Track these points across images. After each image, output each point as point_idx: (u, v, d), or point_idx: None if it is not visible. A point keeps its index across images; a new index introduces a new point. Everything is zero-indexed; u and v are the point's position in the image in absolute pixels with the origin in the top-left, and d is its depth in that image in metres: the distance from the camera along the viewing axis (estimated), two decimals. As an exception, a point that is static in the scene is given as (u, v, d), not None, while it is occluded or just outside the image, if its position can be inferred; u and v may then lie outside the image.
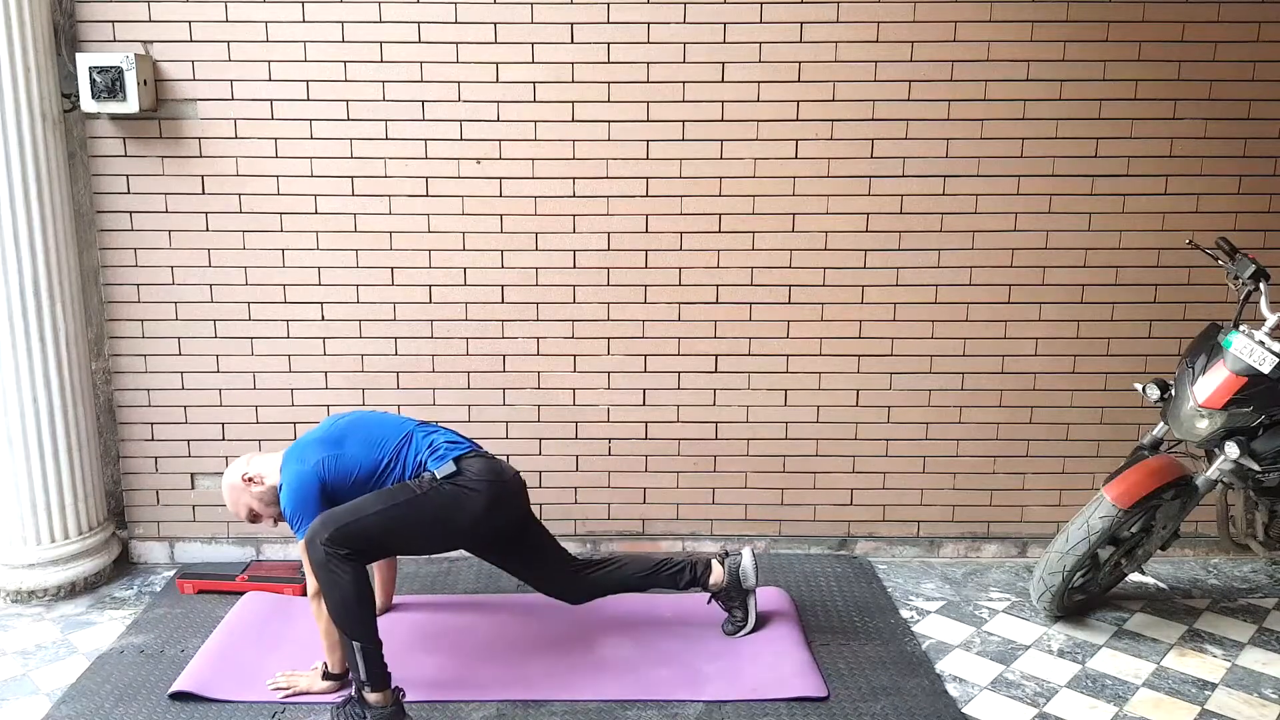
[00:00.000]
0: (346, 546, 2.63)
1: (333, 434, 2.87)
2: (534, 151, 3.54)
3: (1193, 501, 3.19)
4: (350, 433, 2.87)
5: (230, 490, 2.91)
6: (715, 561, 3.19)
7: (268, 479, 2.87)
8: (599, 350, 3.69)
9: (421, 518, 2.75)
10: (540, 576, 3.12)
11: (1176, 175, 3.61)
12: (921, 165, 3.58)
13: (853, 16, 3.47)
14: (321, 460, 2.79)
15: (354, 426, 2.90)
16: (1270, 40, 3.52)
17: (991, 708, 2.90)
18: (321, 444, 2.84)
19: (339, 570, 2.62)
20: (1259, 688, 3.01)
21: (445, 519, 2.78)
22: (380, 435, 2.87)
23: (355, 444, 2.84)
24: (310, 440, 2.86)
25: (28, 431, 3.38)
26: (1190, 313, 3.67)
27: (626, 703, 2.88)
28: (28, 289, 3.30)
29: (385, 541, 2.78)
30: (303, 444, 2.86)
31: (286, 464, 2.83)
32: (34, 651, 3.17)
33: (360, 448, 2.84)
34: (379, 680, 2.68)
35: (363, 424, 2.92)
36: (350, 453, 2.82)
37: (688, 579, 3.15)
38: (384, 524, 2.70)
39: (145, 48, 3.44)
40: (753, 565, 3.18)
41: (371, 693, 2.68)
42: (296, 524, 2.76)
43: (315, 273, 3.61)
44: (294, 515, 2.76)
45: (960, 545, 3.87)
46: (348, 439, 2.85)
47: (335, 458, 2.80)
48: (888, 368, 3.72)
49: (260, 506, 2.90)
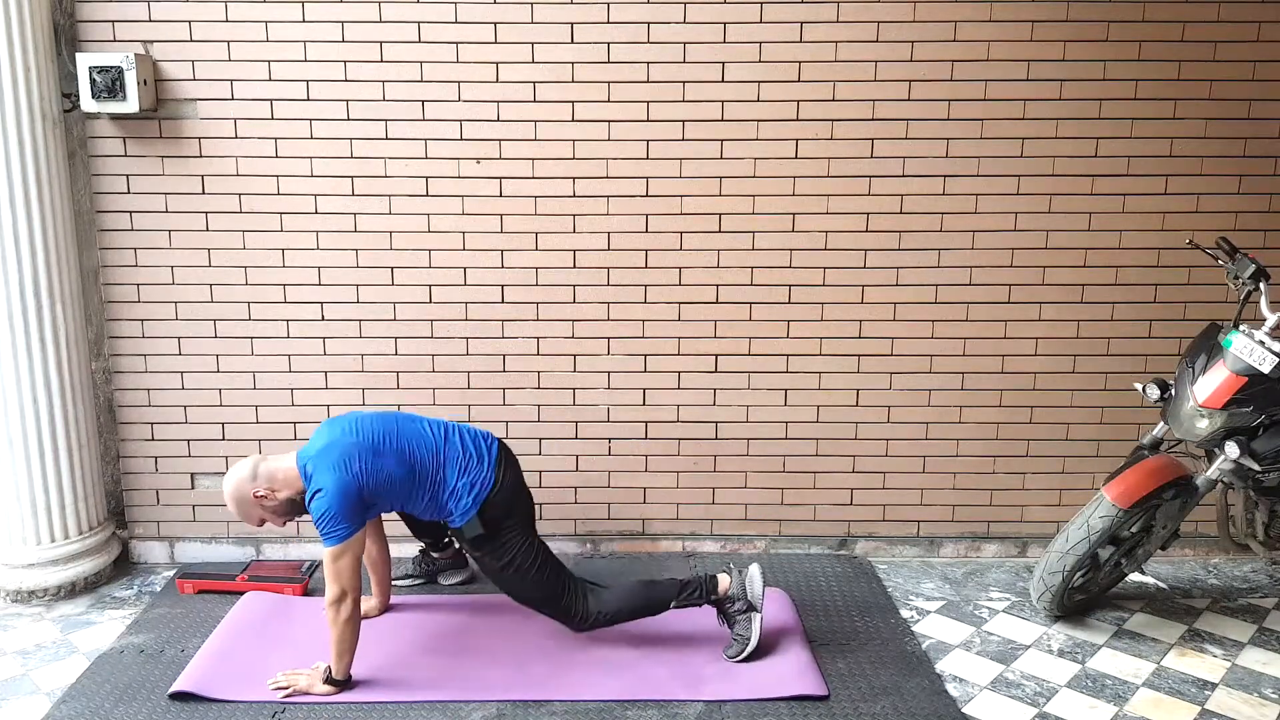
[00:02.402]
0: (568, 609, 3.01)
1: (373, 441, 2.84)
2: (534, 151, 3.54)
3: (1193, 501, 3.19)
4: (387, 443, 2.85)
5: (239, 504, 2.86)
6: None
7: (280, 492, 2.84)
8: (599, 350, 3.69)
9: (523, 550, 2.96)
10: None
11: (1176, 175, 3.61)
12: (921, 165, 3.58)
13: (853, 16, 3.47)
14: (362, 471, 2.78)
15: (390, 437, 2.87)
16: (1270, 40, 3.52)
17: (991, 707, 2.90)
18: (360, 451, 2.80)
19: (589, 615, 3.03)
20: (1259, 688, 3.01)
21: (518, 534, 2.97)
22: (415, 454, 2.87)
23: (390, 456, 2.83)
24: (348, 444, 2.81)
25: (28, 431, 3.38)
26: (1190, 313, 3.67)
27: (626, 703, 2.88)
28: (28, 289, 3.30)
29: (550, 582, 3.02)
30: (340, 449, 2.80)
31: (325, 468, 2.77)
32: (34, 651, 3.17)
33: (395, 462, 2.83)
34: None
35: (398, 435, 2.88)
36: (388, 466, 2.82)
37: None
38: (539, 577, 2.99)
39: (145, 48, 3.44)
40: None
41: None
42: (329, 529, 2.73)
43: (315, 273, 3.61)
44: (330, 522, 2.73)
45: (960, 545, 3.87)
46: (384, 448, 2.83)
47: (376, 470, 2.80)
48: (888, 368, 3.72)
49: (273, 518, 2.89)
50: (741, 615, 3.06)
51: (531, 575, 2.96)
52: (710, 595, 3.07)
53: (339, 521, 2.73)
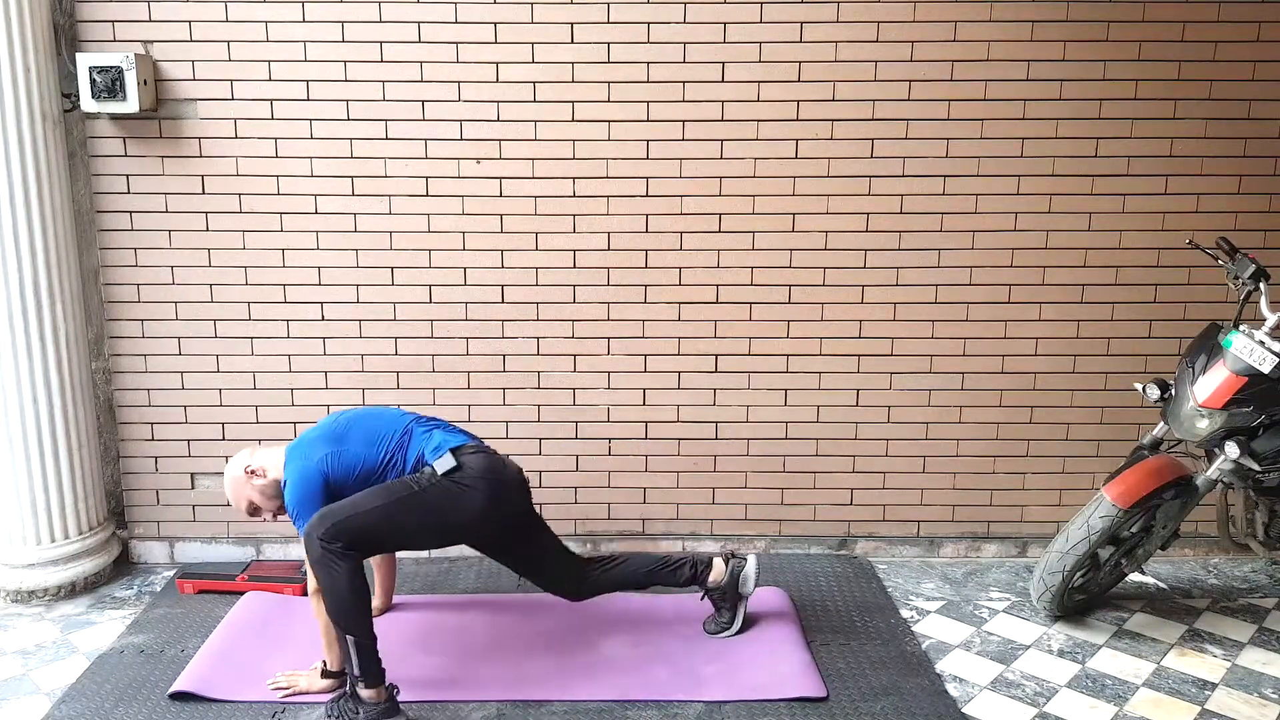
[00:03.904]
0: (341, 541, 2.64)
1: (335, 430, 2.88)
2: (534, 151, 3.54)
3: (1193, 501, 3.19)
4: (352, 429, 2.88)
5: (232, 483, 2.90)
6: (718, 559, 3.20)
7: (270, 472, 2.87)
8: (599, 350, 3.69)
9: (418, 513, 2.76)
10: (542, 574, 3.11)
11: (1176, 175, 3.61)
12: (921, 165, 3.58)
13: (853, 16, 3.47)
14: (325, 456, 2.80)
15: (355, 423, 2.91)
16: (1270, 40, 3.52)
17: (991, 708, 2.90)
18: (324, 440, 2.85)
19: (335, 565, 2.62)
20: (1259, 688, 3.01)
21: (443, 515, 2.79)
22: (381, 431, 2.88)
23: (357, 440, 2.85)
24: (313, 437, 2.87)
25: (28, 431, 3.38)
26: (1190, 313, 3.67)
27: (626, 703, 2.88)
28: (28, 289, 3.30)
29: (382, 537, 2.79)
30: (306, 440, 2.87)
31: (290, 460, 2.83)
32: (34, 651, 3.17)
33: (362, 444, 2.85)
34: (373, 676, 2.69)
35: (364, 420, 2.93)
36: (352, 449, 2.83)
37: (688, 575, 3.15)
38: (381, 519, 2.70)
39: (145, 48, 3.44)
40: (755, 574, 3.19)
41: (365, 688, 2.68)
42: (298, 519, 2.76)
43: (315, 273, 3.61)
44: (296, 511, 2.77)
45: (960, 545, 3.87)
46: (350, 435, 2.86)
47: (338, 454, 2.81)
48: (888, 368, 3.72)
49: (261, 500, 2.90)
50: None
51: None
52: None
53: (302, 507, 2.75)
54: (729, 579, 3.17)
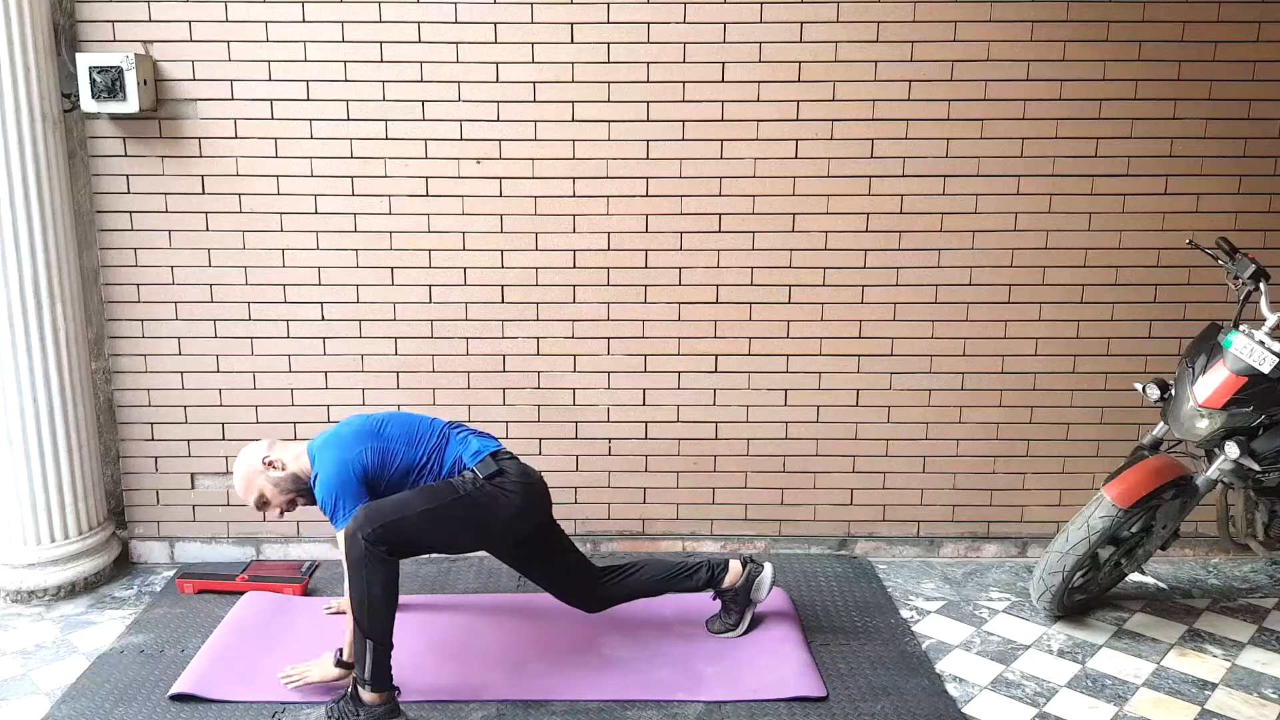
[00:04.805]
0: (386, 545, 2.63)
1: (371, 428, 2.87)
2: (534, 151, 3.54)
3: (1193, 501, 3.19)
4: (388, 427, 2.89)
5: (247, 472, 2.89)
6: (735, 561, 3.20)
7: (289, 466, 2.87)
8: (599, 350, 3.69)
9: (465, 516, 2.76)
10: (560, 583, 3.12)
11: (1176, 175, 3.61)
12: (921, 165, 3.58)
13: (853, 16, 3.47)
14: (365, 450, 2.79)
15: (391, 423, 2.91)
16: (1270, 40, 3.52)
17: (991, 708, 2.90)
18: (361, 436, 2.84)
19: (375, 568, 2.62)
20: (1259, 688, 3.01)
21: (484, 519, 2.80)
22: (420, 432, 2.90)
23: (396, 439, 2.86)
24: (349, 432, 2.86)
25: (28, 431, 3.38)
26: (1190, 313, 3.67)
27: (626, 703, 2.88)
28: (28, 289, 3.30)
29: (429, 540, 2.78)
30: (338, 435, 2.85)
31: (324, 452, 2.81)
32: (34, 651, 3.17)
33: (402, 443, 2.85)
34: (381, 681, 2.69)
35: (400, 421, 2.94)
36: (392, 446, 2.83)
37: (705, 579, 3.15)
38: (428, 521, 2.70)
39: (145, 48, 3.44)
40: (770, 581, 3.19)
41: (370, 692, 2.68)
42: (335, 512, 2.74)
43: (315, 273, 3.61)
44: (334, 502, 2.74)
45: (960, 545, 3.87)
46: (388, 434, 2.87)
47: (379, 450, 2.81)
48: (888, 368, 3.72)
49: (274, 493, 2.89)
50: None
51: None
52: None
53: (340, 499, 2.73)
54: (744, 582, 3.17)
